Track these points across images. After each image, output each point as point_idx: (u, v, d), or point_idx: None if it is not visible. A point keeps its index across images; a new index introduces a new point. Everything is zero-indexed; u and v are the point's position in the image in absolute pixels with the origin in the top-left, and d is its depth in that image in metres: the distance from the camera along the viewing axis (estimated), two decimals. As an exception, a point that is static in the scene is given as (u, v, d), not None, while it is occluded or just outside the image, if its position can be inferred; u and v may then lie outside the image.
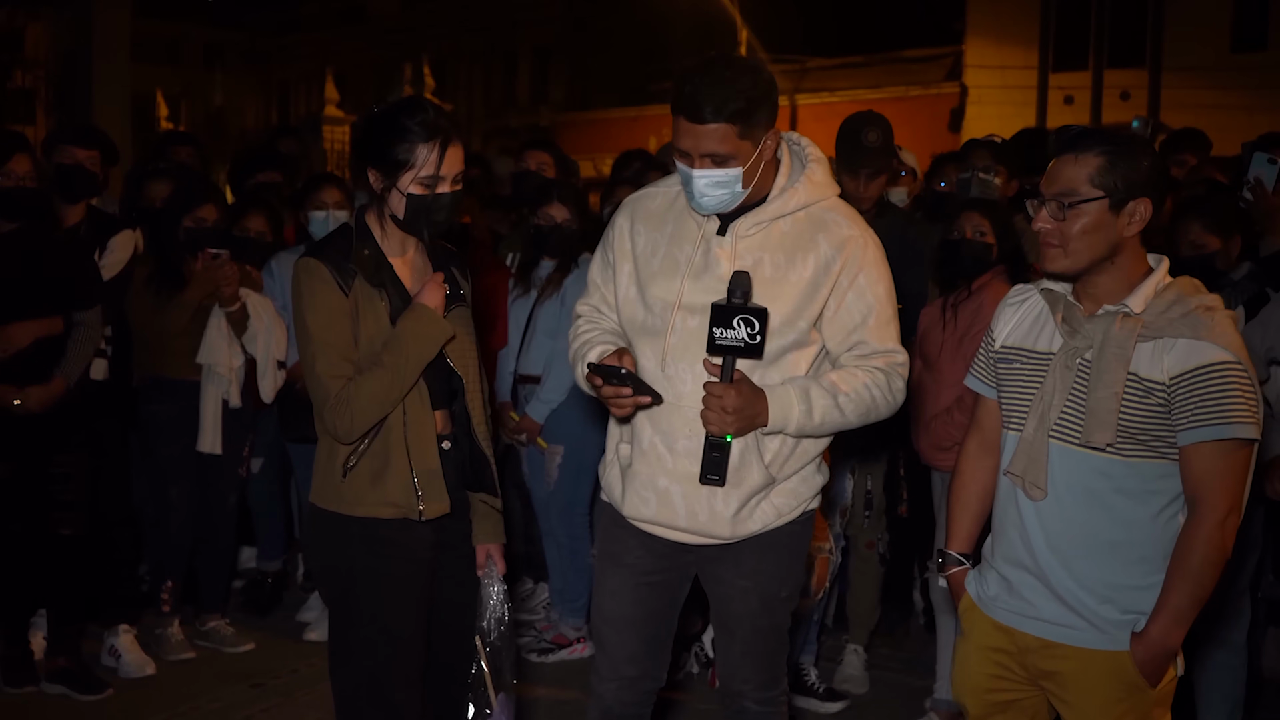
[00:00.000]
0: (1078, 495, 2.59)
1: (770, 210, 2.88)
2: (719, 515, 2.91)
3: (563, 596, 5.18)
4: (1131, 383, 2.49)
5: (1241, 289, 4.14)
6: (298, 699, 4.72)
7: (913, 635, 5.50)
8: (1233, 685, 4.17)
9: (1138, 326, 2.50)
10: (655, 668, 3.12)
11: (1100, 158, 2.52)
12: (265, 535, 5.80)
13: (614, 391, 2.80)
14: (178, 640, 5.08)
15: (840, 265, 2.87)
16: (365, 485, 2.96)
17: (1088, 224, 2.53)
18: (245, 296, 4.99)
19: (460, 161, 2.96)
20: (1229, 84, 20.93)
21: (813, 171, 2.93)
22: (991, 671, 2.78)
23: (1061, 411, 2.59)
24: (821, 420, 2.87)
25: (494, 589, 3.15)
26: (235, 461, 5.18)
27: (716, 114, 2.71)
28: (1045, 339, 2.68)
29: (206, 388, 4.97)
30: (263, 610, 5.64)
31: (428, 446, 3.01)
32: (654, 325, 2.92)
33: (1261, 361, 4.01)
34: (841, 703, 4.67)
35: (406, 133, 2.90)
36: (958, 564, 2.90)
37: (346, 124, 21.34)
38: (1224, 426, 2.43)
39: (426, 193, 2.92)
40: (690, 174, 2.79)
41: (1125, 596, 2.58)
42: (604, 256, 3.09)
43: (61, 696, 4.63)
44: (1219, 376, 2.43)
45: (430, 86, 21.52)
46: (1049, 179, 2.58)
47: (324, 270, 2.93)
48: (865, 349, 2.92)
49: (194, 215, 4.97)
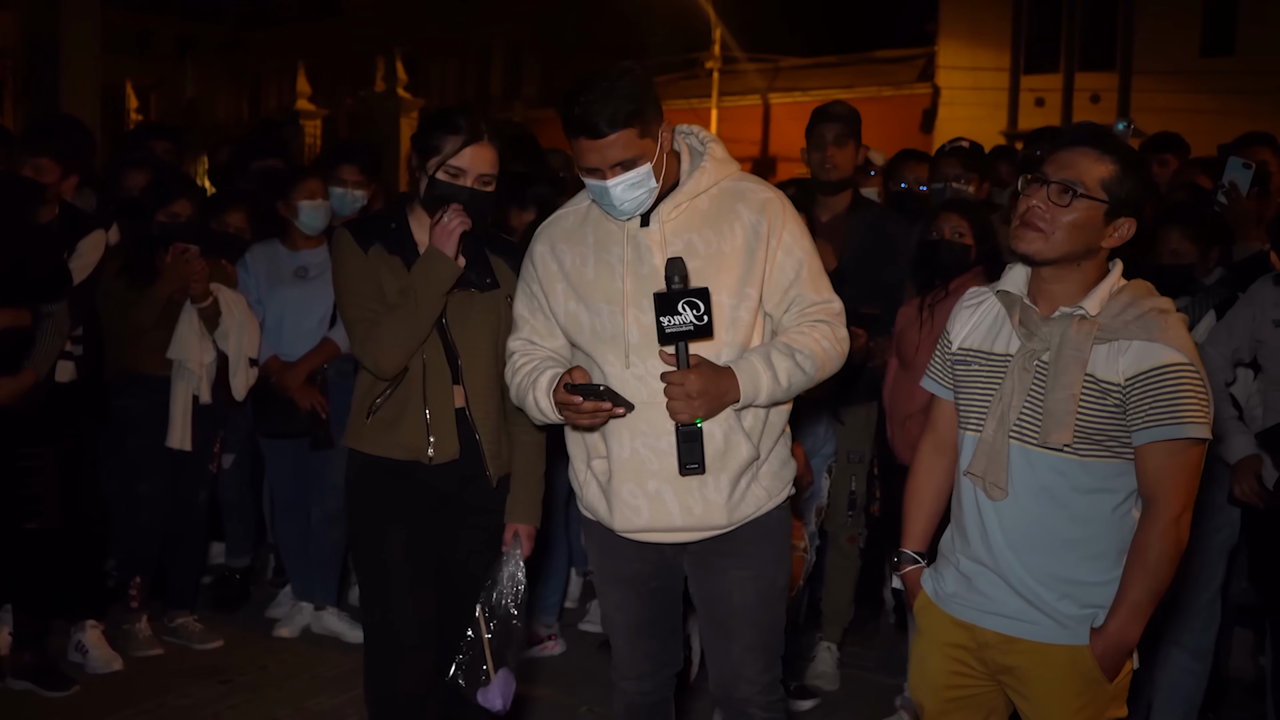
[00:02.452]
0: (1036, 494, 2.63)
1: (685, 191, 2.95)
2: (713, 504, 2.93)
3: (535, 594, 5.17)
4: (1088, 384, 2.54)
5: (1213, 293, 4.18)
6: (266, 695, 4.69)
7: (884, 633, 5.52)
8: (1193, 689, 4.20)
9: (1094, 329, 2.55)
10: (671, 656, 3.20)
11: (1116, 165, 2.56)
12: (234, 531, 5.76)
13: (594, 406, 2.81)
14: (145, 636, 5.04)
15: (766, 226, 2.94)
16: (385, 428, 3.31)
17: (1079, 220, 2.56)
18: (218, 292, 4.95)
19: (487, 164, 3.26)
20: (1198, 88, 21.13)
21: (713, 150, 3.02)
22: (950, 668, 2.81)
23: (1020, 412, 2.63)
24: (788, 382, 2.91)
25: (514, 567, 3.32)
26: (206, 458, 5.14)
27: (613, 124, 2.78)
28: (1003, 341, 2.72)
29: (176, 383, 4.93)
30: (231, 607, 5.61)
31: (444, 396, 3.31)
32: (609, 330, 2.94)
33: (1228, 364, 4.04)
34: (813, 700, 4.69)
35: (444, 124, 3.25)
36: (913, 562, 2.95)
37: (319, 118, 21.25)
38: (1177, 426, 2.49)
39: (448, 180, 3.22)
40: (604, 186, 2.85)
41: (1083, 592, 2.63)
42: (527, 289, 3.12)
43: (27, 692, 4.58)
44: (1173, 378, 2.48)
45: (403, 81, 21.37)
46: (1061, 164, 2.59)
47: (347, 236, 3.35)
48: (803, 301, 2.98)
49: (168, 210, 4.93)
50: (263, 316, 5.19)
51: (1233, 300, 4.12)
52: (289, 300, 5.23)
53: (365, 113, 21.19)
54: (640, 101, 2.81)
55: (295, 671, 4.92)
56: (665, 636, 3.16)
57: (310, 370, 5.22)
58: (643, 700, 3.18)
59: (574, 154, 2.88)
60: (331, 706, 4.55)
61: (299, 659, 5.05)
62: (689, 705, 4.46)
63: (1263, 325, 3.96)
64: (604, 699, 4.39)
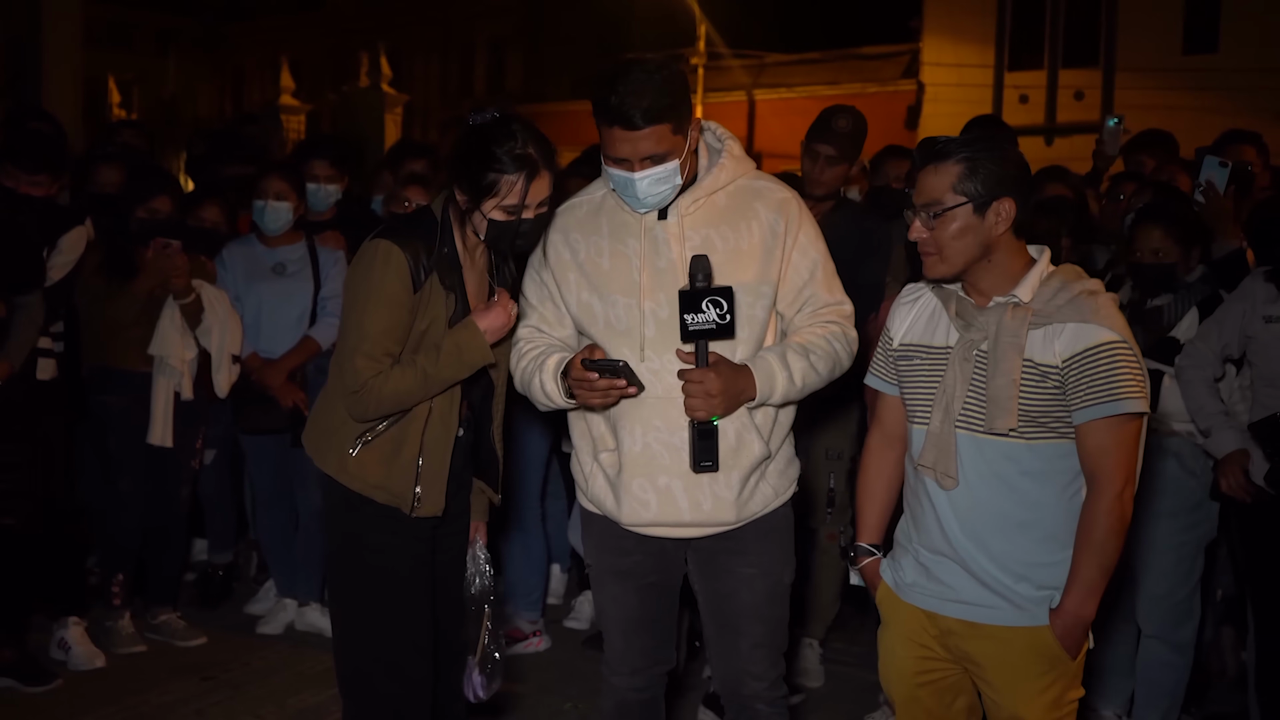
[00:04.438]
0: (986, 480, 2.70)
1: (704, 187, 2.95)
2: (723, 500, 2.94)
3: (517, 590, 5.16)
4: (1027, 368, 2.62)
5: (1195, 290, 4.19)
6: (249, 692, 4.68)
7: (867, 629, 5.52)
8: (1174, 684, 4.22)
9: (1028, 315, 2.63)
10: (664, 652, 3.19)
11: (959, 165, 2.63)
12: (216, 528, 5.74)
13: (608, 384, 2.80)
14: (128, 633, 5.02)
15: (784, 226, 2.96)
16: (371, 465, 3.04)
17: (956, 229, 2.65)
18: (200, 289, 4.93)
19: (546, 188, 2.96)
20: (1180, 85, 21.18)
21: (730, 148, 3.03)
22: (916, 654, 2.87)
23: (964, 402, 2.69)
24: (802, 382, 2.94)
25: (482, 559, 3.26)
26: (187, 454, 5.11)
27: (649, 118, 2.77)
28: (941, 334, 2.79)
29: (158, 379, 4.91)
30: (213, 604, 5.59)
31: (443, 448, 3.08)
32: (624, 323, 2.93)
33: (1218, 359, 4.06)
34: (797, 696, 4.68)
35: (494, 161, 2.91)
36: (869, 555, 3.00)
37: (302, 112, 21.16)
38: (1115, 403, 2.56)
39: (509, 219, 2.94)
40: (631, 178, 2.84)
41: (1038, 573, 2.70)
42: (536, 276, 3.09)
43: (8, 689, 4.56)
44: (1107, 356, 2.56)
45: (387, 76, 21.30)
46: (918, 191, 2.69)
47: (402, 260, 2.95)
48: (816, 302, 3.01)
49: (148, 206, 4.91)
50: (241, 313, 5.17)
51: (1215, 297, 4.13)
52: (266, 297, 5.21)
53: (349, 108, 21.11)
54: (677, 98, 2.81)
55: (278, 668, 4.91)
56: (660, 633, 3.16)
57: (291, 368, 5.20)
58: (634, 697, 3.18)
59: (603, 142, 2.85)
60: (315, 703, 4.54)
61: (282, 656, 5.03)
62: (673, 701, 4.47)
63: (1253, 321, 3.98)
64: (589, 696, 4.41)
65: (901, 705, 2.96)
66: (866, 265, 4.67)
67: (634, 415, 2.92)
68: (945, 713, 2.91)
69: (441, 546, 3.23)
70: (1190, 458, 4.16)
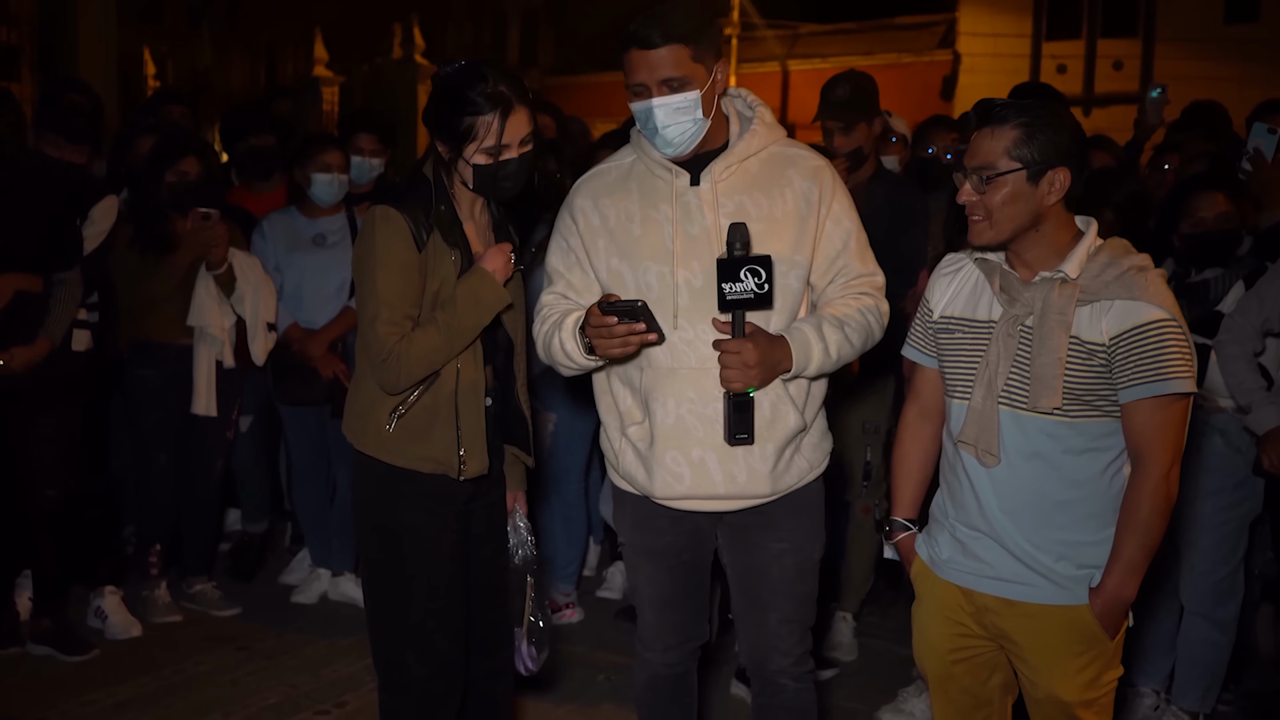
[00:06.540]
0: (1028, 458, 2.66)
1: (736, 153, 2.91)
2: (758, 472, 2.91)
3: (554, 563, 5.16)
4: (1073, 346, 2.58)
5: (1243, 263, 4.11)
6: (283, 662, 4.70)
7: (901, 603, 5.49)
8: (1215, 662, 4.17)
9: (1075, 291, 2.58)
10: (697, 629, 3.18)
11: (1016, 130, 2.58)
12: (250, 497, 5.76)
13: (627, 329, 2.72)
14: (164, 603, 5.05)
15: (818, 195, 2.91)
16: (410, 437, 3.02)
17: (1007, 195, 2.59)
18: (232, 257, 4.91)
19: (525, 124, 2.96)
20: (1221, 55, 20.93)
21: (761, 115, 2.99)
22: (951, 631, 2.84)
23: (1007, 378, 2.65)
24: (837, 354, 2.89)
25: (524, 529, 3.23)
26: (224, 425, 5.12)
27: (667, 36, 2.74)
28: (985, 308, 2.74)
29: (199, 349, 4.90)
30: (248, 574, 5.62)
31: (476, 406, 3.06)
32: (657, 291, 2.88)
33: (1258, 333, 3.98)
34: (831, 670, 4.67)
35: (467, 105, 2.92)
36: (905, 530, 2.97)
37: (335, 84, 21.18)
38: (1162, 383, 2.52)
39: (491, 161, 2.93)
40: (649, 106, 2.80)
41: (1078, 552, 2.66)
42: (563, 243, 3.04)
43: (47, 658, 4.61)
44: (1155, 334, 2.52)
45: (420, 48, 21.26)
46: (970, 153, 2.64)
47: (402, 222, 2.95)
48: (849, 273, 2.96)
49: (176, 169, 4.86)
50: (280, 284, 5.17)
51: (1261, 270, 4.05)
52: (307, 267, 5.20)
53: (382, 80, 21.09)
54: (700, 23, 2.78)
55: (312, 638, 4.93)
56: (693, 609, 3.15)
57: (332, 339, 5.20)
58: (667, 672, 3.17)
59: (625, 74, 2.82)
60: (349, 673, 4.57)
61: (316, 626, 5.06)
62: (706, 674, 4.46)
63: None
64: (622, 666, 4.41)
65: (935, 681, 2.93)
66: (903, 238, 4.62)
67: (666, 387, 2.89)
68: (980, 690, 2.88)
69: (474, 520, 3.19)
70: (1236, 434, 4.09)
